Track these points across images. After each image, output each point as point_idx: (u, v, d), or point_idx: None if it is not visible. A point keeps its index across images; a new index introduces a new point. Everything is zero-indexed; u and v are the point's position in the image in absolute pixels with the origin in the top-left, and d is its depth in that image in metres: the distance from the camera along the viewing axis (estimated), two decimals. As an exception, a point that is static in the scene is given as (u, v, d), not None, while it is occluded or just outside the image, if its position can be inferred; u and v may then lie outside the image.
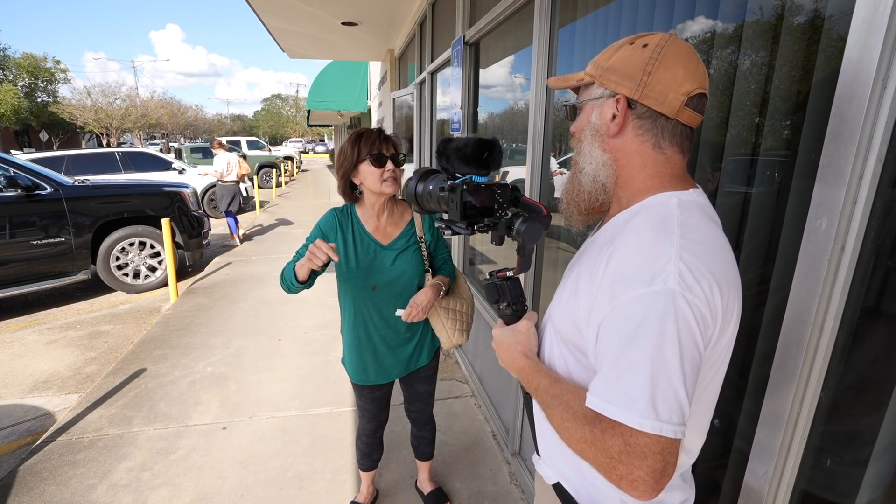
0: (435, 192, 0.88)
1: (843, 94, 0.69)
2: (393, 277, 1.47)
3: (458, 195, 0.79)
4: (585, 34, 1.66)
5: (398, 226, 1.51)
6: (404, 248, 1.49)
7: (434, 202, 0.90)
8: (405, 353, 1.58)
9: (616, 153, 0.70)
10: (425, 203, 0.94)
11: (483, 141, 0.82)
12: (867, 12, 0.65)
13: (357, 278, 1.45)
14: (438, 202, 0.88)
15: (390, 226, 1.50)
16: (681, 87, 0.64)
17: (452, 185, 0.81)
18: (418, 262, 1.50)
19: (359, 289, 1.47)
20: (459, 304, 1.57)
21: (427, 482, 1.99)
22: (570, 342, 0.73)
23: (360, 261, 1.45)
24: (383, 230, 1.49)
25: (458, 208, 0.79)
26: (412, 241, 1.51)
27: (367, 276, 1.45)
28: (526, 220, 0.79)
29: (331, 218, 1.48)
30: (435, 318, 1.54)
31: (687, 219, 0.63)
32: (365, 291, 1.47)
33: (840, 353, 0.79)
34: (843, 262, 0.73)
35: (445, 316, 1.53)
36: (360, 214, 1.49)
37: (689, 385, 0.57)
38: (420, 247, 1.51)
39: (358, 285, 1.46)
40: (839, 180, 0.70)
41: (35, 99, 25.68)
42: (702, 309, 0.58)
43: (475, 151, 0.81)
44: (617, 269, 0.62)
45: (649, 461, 0.56)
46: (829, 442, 0.85)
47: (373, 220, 1.48)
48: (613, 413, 0.58)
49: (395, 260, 1.47)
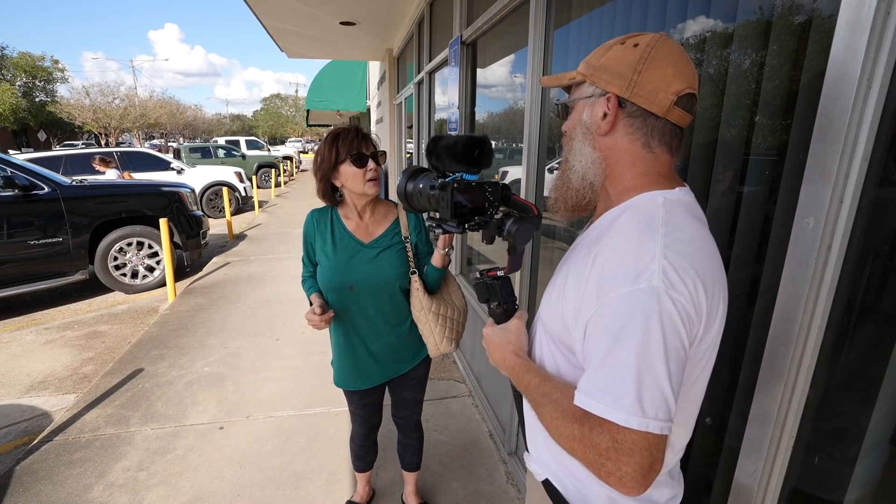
0: (425, 190, 0.88)
1: (828, 94, 0.70)
2: (372, 276, 1.41)
3: (448, 193, 0.79)
4: (580, 35, 1.66)
5: (381, 225, 1.46)
6: (387, 246, 1.44)
7: (424, 200, 0.90)
8: (387, 357, 1.53)
9: (606, 151, 0.71)
10: (415, 201, 0.93)
11: (473, 139, 0.81)
12: (851, 14, 0.66)
13: (333, 278, 1.41)
14: (429, 200, 0.88)
15: (373, 224, 1.46)
16: (670, 87, 0.65)
17: (443, 184, 0.81)
18: (401, 262, 1.44)
19: (335, 289, 1.42)
20: (451, 311, 1.48)
21: (412, 496, 1.92)
22: (559, 341, 0.74)
23: (338, 259, 1.41)
24: (365, 229, 1.45)
25: (448, 207, 0.79)
26: (396, 240, 1.45)
27: (344, 276, 1.41)
28: (517, 221, 0.79)
29: (309, 222, 1.47)
30: (424, 322, 1.45)
31: (671, 217, 0.64)
32: (343, 292, 1.42)
33: (828, 351, 0.79)
34: (829, 261, 0.74)
35: (435, 322, 1.44)
36: (341, 213, 1.46)
37: (674, 382, 0.58)
38: (405, 247, 1.45)
39: (334, 286, 1.41)
40: (825, 179, 0.71)
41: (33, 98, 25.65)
42: (686, 307, 0.59)
43: (466, 149, 0.81)
44: (603, 268, 0.63)
45: (636, 457, 0.57)
46: (817, 439, 0.85)
47: (354, 219, 1.45)
48: (601, 410, 0.59)
49: (375, 258, 1.42)
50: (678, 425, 0.71)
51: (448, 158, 0.83)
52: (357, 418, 1.70)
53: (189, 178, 8.54)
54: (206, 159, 12.15)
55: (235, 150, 13.97)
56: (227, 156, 12.96)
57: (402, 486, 2.03)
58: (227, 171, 9.73)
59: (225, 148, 13.37)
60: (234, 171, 9.86)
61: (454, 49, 2.94)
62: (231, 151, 13.39)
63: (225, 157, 12.77)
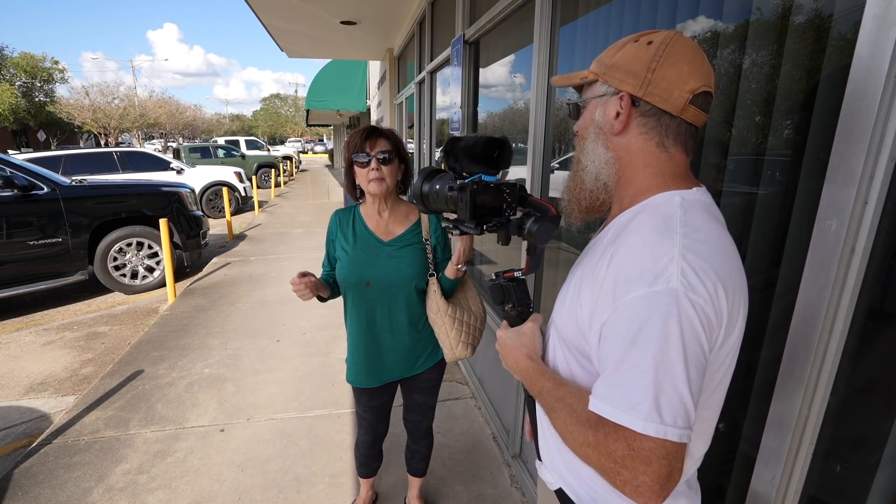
0: (442, 191, 0.87)
1: (853, 92, 0.68)
2: (390, 273, 1.43)
3: (467, 195, 0.78)
4: (587, 32, 1.64)
5: (402, 224, 1.49)
6: (406, 244, 1.46)
7: (441, 202, 0.88)
8: (401, 356, 1.53)
9: (619, 151, 0.69)
10: (431, 203, 0.93)
11: (494, 139, 0.80)
12: (879, 8, 0.64)
13: (351, 273, 1.43)
14: (446, 202, 0.87)
15: (393, 223, 1.48)
16: (685, 85, 0.63)
17: (462, 185, 0.80)
18: (420, 262, 1.45)
19: (352, 285, 1.45)
20: (468, 316, 1.46)
21: (416, 500, 1.92)
22: (574, 346, 0.72)
23: (356, 255, 1.44)
24: (385, 227, 1.47)
25: (467, 208, 0.78)
26: (416, 239, 1.47)
27: (361, 272, 1.43)
28: (538, 220, 0.78)
29: (333, 221, 1.53)
30: (440, 325, 1.44)
31: (690, 218, 0.62)
32: (360, 288, 1.44)
33: (850, 356, 0.77)
34: (852, 264, 0.71)
35: (451, 325, 1.42)
36: (363, 212, 1.50)
37: (694, 388, 0.56)
38: (425, 248, 1.47)
39: (351, 281, 1.44)
40: (849, 180, 0.69)
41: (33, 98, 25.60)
42: (706, 309, 0.56)
43: (486, 150, 0.79)
44: (619, 270, 0.61)
45: (654, 466, 0.54)
46: (838, 447, 0.83)
47: (374, 217, 1.48)
48: (617, 416, 0.57)
49: (394, 255, 1.44)
50: (697, 434, 0.69)
51: (467, 159, 0.81)
52: (363, 423, 1.68)
53: (189, 178, 8.51)
54: (205, 159, 12.11)
55: (235, 150, 13.93)
56: (226, 156, 12.92)
57: (405, 490, 2.01)
58: (226, 171, 9.71)
59: (225, 148, 13.33)
60: (234, 171, 9.83)
61: (456, 48, 2.91)
62: (231, 151, 13.36)
63: (225, 157, 12.74)
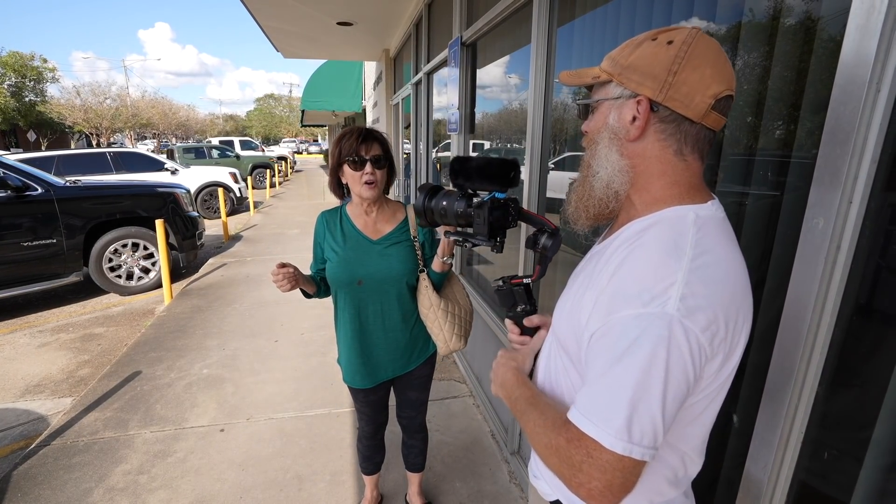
0: (451, 208, 0.94)
1: (838, 98, 0.71)
2: (381, 271, 1.44)
3: (485, 212, 0.86)
4: (584, 33, 1.68)
5: (390, 223, 1.50)
6: (395, 242, 1.47)
7: (451, 217, 0.95)
8: (394, 354, 1.54)
9: (634, 158, 0.66)
10: (438, 218, 0.99)
11: (506, 161, 0.87)
12: (861, 19, 0.68)
13: (342, 272, 1.44)
14: (456, 217, 0.94)
15: (381, 223, 1.49)
16: (708, 89, 0.60)
17: (480, 202, 0.88)
18: (410, 259, 1.47)
19: (343, 284, 1.46)
20: (458, 309, 1.51)
21: (417, 496, 1.94)
22: (573, 355, 0.70)
23: (346, 254, 1.45)
24: (373, 226, 1.48)
25: (485, 223, 0.86)
26: (404, 237, 1.49)
27: (352, 271, 1.44)
28: (551, 236, 0.85)
29: (320, 222, 1.52)
30: (432, 320, 1.47)
31: (702, 237, 0.60)
32: (351, 287, 1.45)
33: (837, 349, 0.81)
34: (839, 261, 0.75)
35: (444, 319, 1.46)
36: (349, 211, 1.51)
37: (667, 416, 0.56)
38: (413, 245, 1.48)
39: (343, 281, 1.45)
40: (835, 181, 0.72)
41: (23, 98, 25.27)
42: (700, 339, 0.55)
43: (501, 170, 0.86)
44: (619, 284, 0.60)
45: (608, 476, 0.56)
46: (826, 435, 0.87)
47: (362, 217, 1.49)
48: (588, 429, 0.57)
49: (383, 253, 1.46)
50: (691, 450, 0.70)
51: (480, 178, 0.89)
52: (363, 416, 1.71)
53: (183, 178, 8.47)
54: (200, 160, 12.05)
55: (230, 150, 13.86)
56: (221, 156, 12.87)
57: (406, 487, 2.03)
58: (221, 171, 9.68)
59: (219, 148, 13.27)
60: (230, 171, 9.80)
61: (454, 50, 2.94)
62: (225, 152, 13.30)
63: (219, 158, 12.69)
